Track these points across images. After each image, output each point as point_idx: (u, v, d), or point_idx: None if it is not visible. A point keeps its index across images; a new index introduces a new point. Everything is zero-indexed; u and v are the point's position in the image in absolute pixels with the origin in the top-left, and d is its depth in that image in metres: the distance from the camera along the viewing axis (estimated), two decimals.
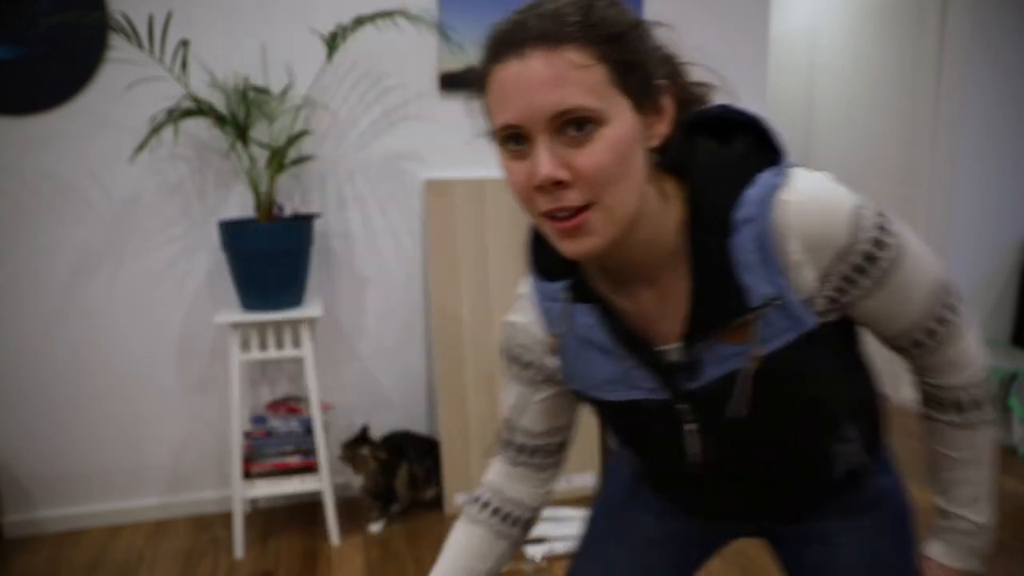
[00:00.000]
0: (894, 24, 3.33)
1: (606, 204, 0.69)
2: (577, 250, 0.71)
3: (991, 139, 3.09)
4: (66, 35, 2.12)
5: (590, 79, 0.66)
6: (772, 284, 0.73)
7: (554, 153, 0.67)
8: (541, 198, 0.69)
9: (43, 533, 2.36)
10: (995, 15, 2.99)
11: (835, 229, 0.72)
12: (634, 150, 0.70)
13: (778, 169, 0.73)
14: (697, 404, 0.82)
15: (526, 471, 0.97)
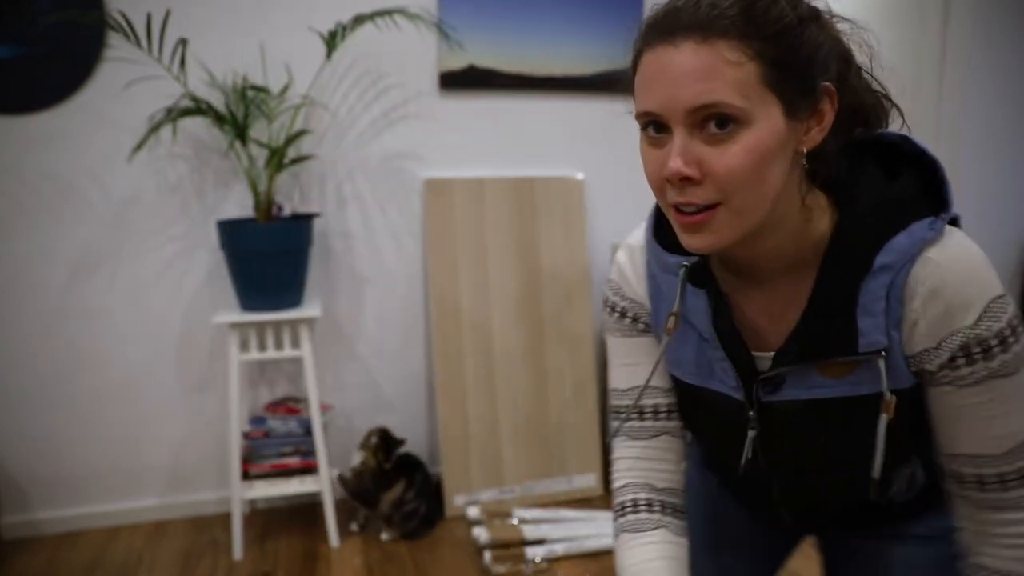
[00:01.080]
0: (895, 24, 3.32)
1: (734, 206, 0.67)
2: (697, 245, 0.70)
3: (992, 139, 3.09)
4: (65, 34, 2.11)
5: (740, 76, 0.63)
6: (885, 335, 0.71)
7: (688, 149, 0.65)
8: (670, 190, 0.68)
9: (41, 534, 2.35)
10: (996, 16, 2.98)
11: (967, 306, 0.68)
12: (776, 156, 0.67)
13: (935, 222, 0.70)
14: (766, 416, 0.80)
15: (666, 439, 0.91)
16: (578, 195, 2.57)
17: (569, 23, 2.47)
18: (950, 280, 0.68)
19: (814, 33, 0.67)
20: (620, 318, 0.90)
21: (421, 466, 2.37)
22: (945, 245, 0.69)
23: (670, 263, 0.80)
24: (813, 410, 0.77)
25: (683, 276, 0.79)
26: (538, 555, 2.13)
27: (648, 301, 0.87)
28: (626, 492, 0.92)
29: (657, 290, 0.85)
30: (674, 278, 0.80)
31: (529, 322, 2.51)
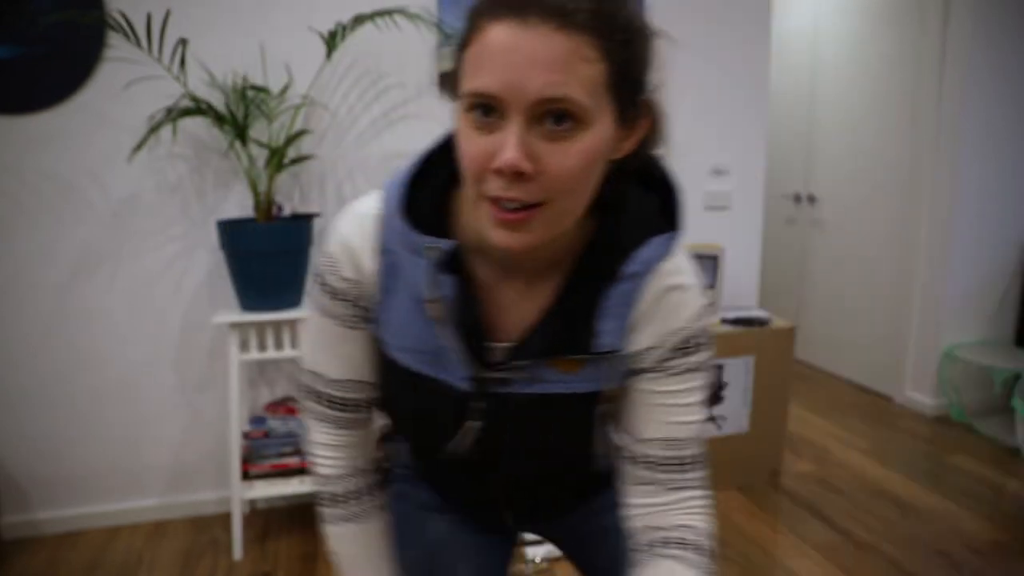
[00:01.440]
0: (896, 24, 3.32)
1: (557, 208, 0.65)
2: (511, 243, 0.66)
3: (992, 139, 3.08)
4: (65, 34, 2.11)
5: (591, 75, 0.61)
6: (619, 338, 0.76)
7: (525, 141, 0.61)
8: (495, 181, 0.63)
9: (41, 534, 2.35)
10: (996, 15, 2.98)
11: (684, 311, 0.77)
12: (601, 162, 0.66)
13: (669, 238, 0.76)
14: (492, 406, 0.81)
15: (368, 428, 0.93)
16: None
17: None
18: (673, 291, 0.76)
19: (648, 46, 0.68)
20: (336, 301, 0.81)
21: None
22: (673, 260, 0.77)
23: (418, 244, 0.73)
24: (540, 403, 0.80)
25: (435, 261, 0.73)
26: (538, 555, 2.13)
27: (377, 278, 0.79)
28: (338, 483, 0.91)
29: (391, 268, 0.78)
30: (420, 260, 0.74)
31: None
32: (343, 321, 0.82)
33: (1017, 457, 2.83)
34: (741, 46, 2.68)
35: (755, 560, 2.15)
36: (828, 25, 3.73)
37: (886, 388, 3.51)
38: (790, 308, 4.13)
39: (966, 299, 3.20)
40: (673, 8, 2.55)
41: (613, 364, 0.79)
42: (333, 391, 0.87)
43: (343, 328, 0.82)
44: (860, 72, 3.54)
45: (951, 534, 2.28)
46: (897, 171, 3.37)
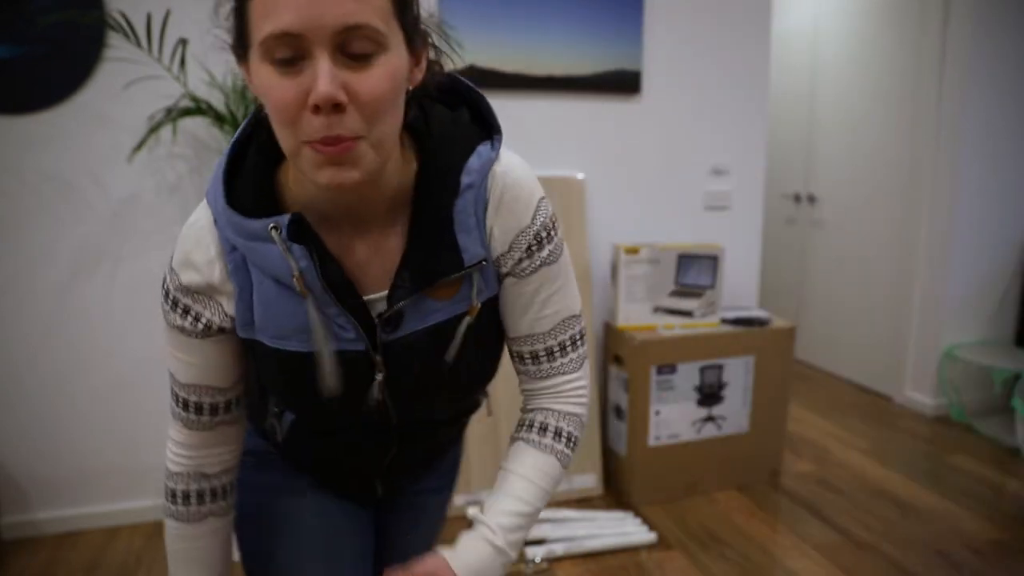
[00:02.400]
0: (896, 24, 3.32)
1: (375, 137, 0.67)
2: (338, 180, 0.66)
3: (992, 139, 3.09)
4: (64, 34, 2.11)
5: (380, 3, 0.65)
6: (482, 247, 0.79)
7: (337, 74, 0.63)
8: (314, 121, 0.64)
9: (41, 534, 2.35)
10: (996, 15, 2.98)
11: (526, 208, 0.81)
12: (403, 86, 0.70)
13: (493, 143, 0.80)
14: (392, 356, 0.82)
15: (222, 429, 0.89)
16: (578, 195, 2.56)
17: (569, 23, 2.47)
18: (513, 188, 0.80)
19: None
20: (182, 316, 0.81)
21: None
22: (502, 161, 0.80)
23: (257, 228, 0.73)
24: (432, 336, 0.82)
25: (276, 236, 0.72)
26: (538, 555, 2.13)
27: (228, 283, 0.79)
28: (177, 481, 0.90)
29: (240, 265, 0.78)
30: (267, 244, 0.73)
31: None
32: (190, 334, 0.81)
33: (1017, 457, 2.83)
34: (741, 46, 2.68)
35: (755, 560, 2.15)
36: (828, 25, 3.73)
37: (886, 388, 3.51)
38: (790, 308, 4.13)
39: (966, 299, 3.20)
40: (673, 8, 2.55)
41: (484, 276, 0.82)
42: (181, 393, 0.86)
43: (190, 339, 0.82)
44: (860, 72, 3.54)
45: (951, 534, 2.28)
46: (897, 171, 3.37)
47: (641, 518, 2.37)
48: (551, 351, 0.89)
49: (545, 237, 0.82)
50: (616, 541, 2.21)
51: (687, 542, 2.25)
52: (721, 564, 2.13)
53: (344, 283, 0.77)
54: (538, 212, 0.81)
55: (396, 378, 0.84)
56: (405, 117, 0.74)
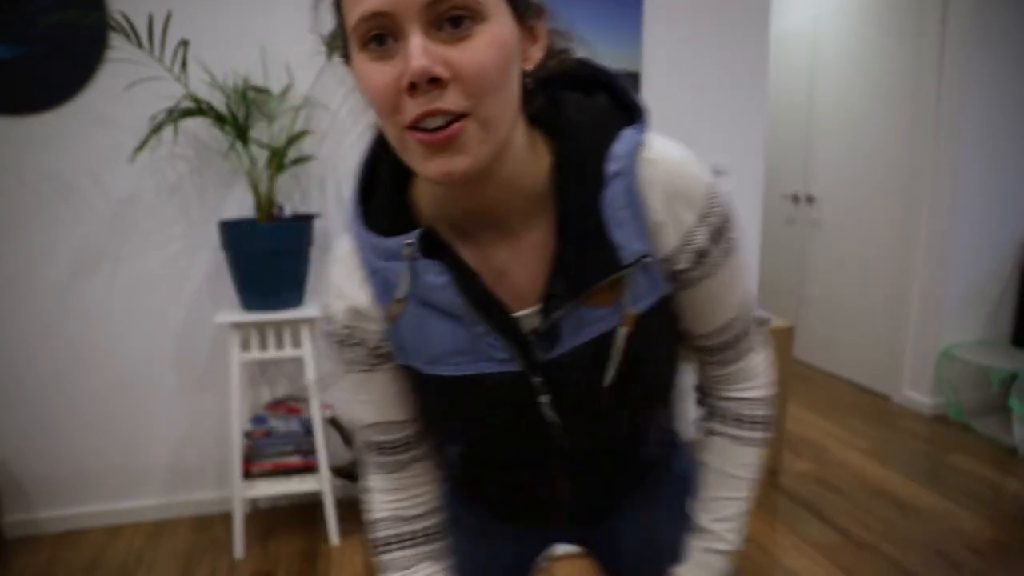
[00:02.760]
0: (895, 24, 3.33)
1: (483, 114, 0.60)
2: (447, 169, 0.61)
3: (991, 138, 3.09)
4: (66, 34, 2.12)
5: None
6: (642, 241, 0.69)
7: (429, 47, 0.58)
8: (411, 102, 0.59)
9: (42, 533, 2.35)
10: (995, 16, 2.98)
11: (696, 192, 0.71)
12: (514, 60, 0.63)
13: (639, 127, 0.71)
14: (553, 375, 0.74)
15: (416, 467, 0.86)
16: None
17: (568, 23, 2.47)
18: (674, 173, 0.70)
19: None
20: (346, 348, 0.78)
21: None
22: (655, 146, 0.71)
23: (393, 247, 0.70)
24: (595, 350, 0.73)
25: (412, 252, 0.69)
26: None
27: (377, 307, 0.75)
28: (382, 527, 0.88)
29: (384, 287, 0.73)
30: (403, 263, 0.70)
31: None
32: (360, 366, 0.79)
33: (1014, 456, 2.84)
34: (740, 46, 2.68)
35: (755, 559, 2.15)
36: (827, 25, 3.74)
37: (884, 388, 3.51)
38: (789, 308, 4.14)
39: (964, 299, 3.21)
40: (672, 8, 2.56)
41: (648, 275, 0.71)
42: (368, 436, 0.84)
43: (362, 373, 0.79)
44: (860, 72, 3.55)
45: (950, 534, 2.29)
46: (897, 171, 3.37)
47: None
48: (737, 336, 0.82)
49: (723, 226, 0.73)
50: None
51: None
52: None
53: (487, 297, 0.71)
54: (711, 200, 0.72)
55: (560, 400, 0.76)
56: (532, 106, 0.68)
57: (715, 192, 0.72)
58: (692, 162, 0.72)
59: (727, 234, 0.74)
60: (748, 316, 0.82)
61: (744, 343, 0.83)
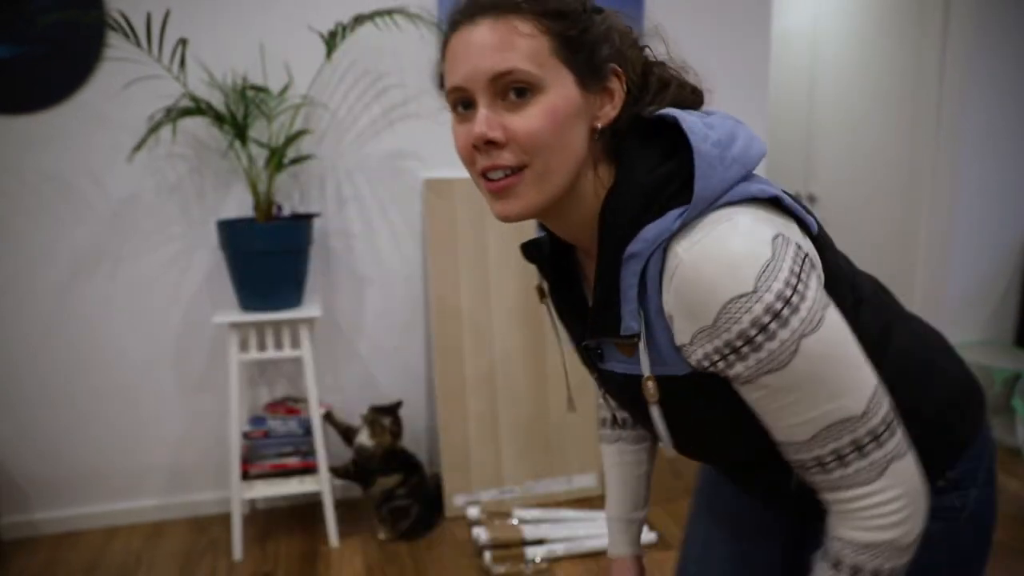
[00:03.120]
0: (896, 24, 3.32)
1: (537, 169, 0.72)
2: (505, 211, 0.74)
3: (992, 139, 3.08)
4: (64, 33, 2.11)
5: (533, 47, 0.70)
6: (637, 321, 0.72)
7: (492, 116, 0.71)
8: (479, 157, 0.73)
9: (40, 534, 2.34)
10: (997, 16, 2.98)
11: (704, 308, 0.66)
12: (573, 123, 0.72)
13: (683, 213, 0.68)
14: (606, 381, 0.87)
15: None
16: None
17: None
18: (689, 280, 0.67)
19: (598, 21, 0.75)
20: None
21: (419, 469, 2.36)
22: (694, 238, 0.67)
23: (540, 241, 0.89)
24: (625, 384, 0.82)
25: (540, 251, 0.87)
26: (538, 555, 2.12)
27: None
28: (600, 411, 1.12)
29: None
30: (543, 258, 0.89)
31: (529, 322, 2.50)
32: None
33: (1017, 457, 2.83)
34: (741, 45, 2.68)
35: None
36: (828, 25, 3.73)
37: None
38: None
39: (966, 299, 3.20)
40: (672, 7, 2.55)
41: (655, 352, 0.74)
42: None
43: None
44: (860, 72, 3.54)
45: None
46: (897, 171, 3.37)
47: None
48: (821, 461, 0.72)
49: (743, 345, 0.66)
50: None
51: None
52: None
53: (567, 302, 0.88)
54: (722, 316, 0.66)
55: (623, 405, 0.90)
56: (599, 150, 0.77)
57: (735, 311, 0.65)
58: (720, 273, 0.65)
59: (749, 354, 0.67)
60: (835, 443, 0.70)
61: (835, 473, 0.71)
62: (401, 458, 2.32)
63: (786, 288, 0.65)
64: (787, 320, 0.65)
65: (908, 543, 0.72)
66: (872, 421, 0.70)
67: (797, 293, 0.66)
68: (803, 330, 0.66)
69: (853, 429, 0.69)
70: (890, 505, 0.71)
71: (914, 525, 0.72)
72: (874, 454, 0.70)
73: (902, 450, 0.72)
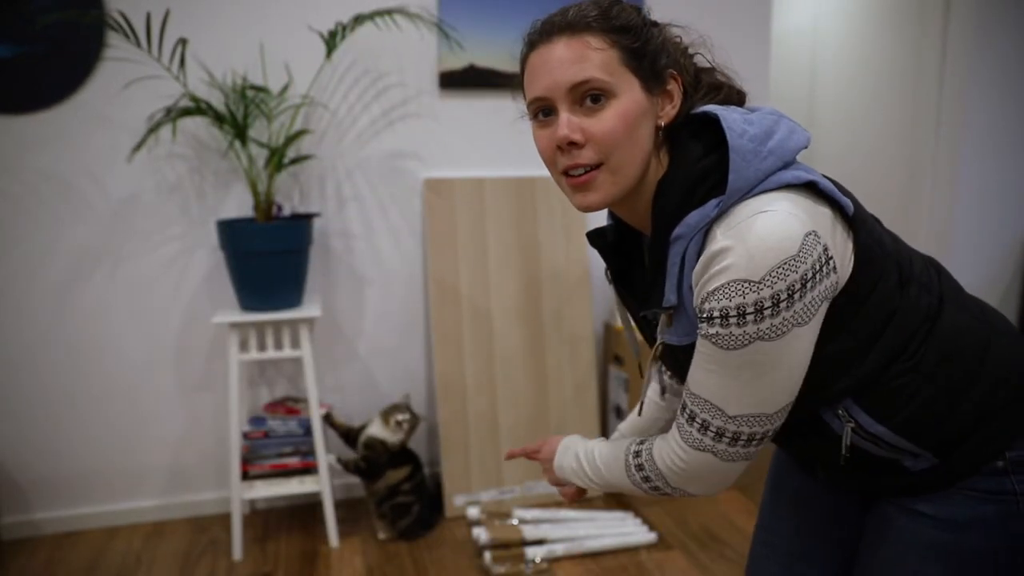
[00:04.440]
0: (896, 24, 3.32)
1: (612, 165, 0.83)
2: (586, 203, 0.86)
3: (993, 137, 3.08)
4: (64, 33, 2.11)
5: (604, 58, 0.82)
6: (676, 295, 0.83)
7: (572, 120, 0.83)
8: (561, 157, 0.85)
9: (41, 534, 2.34)
10: (997, 15, 2.98)
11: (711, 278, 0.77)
12: (642, 123, 0.84)
13: (720, 201, 0.78)
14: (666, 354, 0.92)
15: None
16: None
17: None
18: (712, 254, 0.77)
19: (656, 33, 0.87)
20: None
21: (421, 467, 2.36)
22: (730, 224, 0.77)
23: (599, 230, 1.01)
24: (673, 352, 0.90)
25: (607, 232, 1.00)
26: (538, 555, 2.12)
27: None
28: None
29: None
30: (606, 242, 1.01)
31: (529, 322, 2.50)
32: None
33: None
34: (741, 46, 2.68)
35: None
36: (828, 25, 3.73)
37: None
38: None
39: None
40: (673, 7, 2.55)
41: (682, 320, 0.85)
42: None
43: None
44: (860, 72, 3.54)
45: None
46: (897, 171, 3.36)
47: (641, 518, 2.37)
48: (684, 406, 0.86)
49: (717, 317, 0.76)
50: (616, 541, 2.20)
51: (687, 542, 2.25)
52: (721, 564, 2.12)
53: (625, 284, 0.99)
54: (722, 291, 0.75)
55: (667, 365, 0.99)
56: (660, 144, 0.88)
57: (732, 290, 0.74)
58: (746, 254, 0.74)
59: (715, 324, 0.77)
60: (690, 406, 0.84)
61: (681, 416, 0.87)
62: (408, 452, 2.33)
63: (784, 291, 0.74)
64: (761, 318, 0.75)
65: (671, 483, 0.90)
66: (731, 426, 0.82)
67: (790, 300, 0.74)
68: (767, 334, 0.75)
69: (714, 416, 0.82)
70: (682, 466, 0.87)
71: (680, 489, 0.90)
72: (705, 439, 0.84)
73: (727, 455, 0.84)
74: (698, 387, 0.83)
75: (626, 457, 0.95)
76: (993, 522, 0.85)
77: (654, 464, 0.91)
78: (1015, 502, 0.85)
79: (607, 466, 0.99)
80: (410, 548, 2.25)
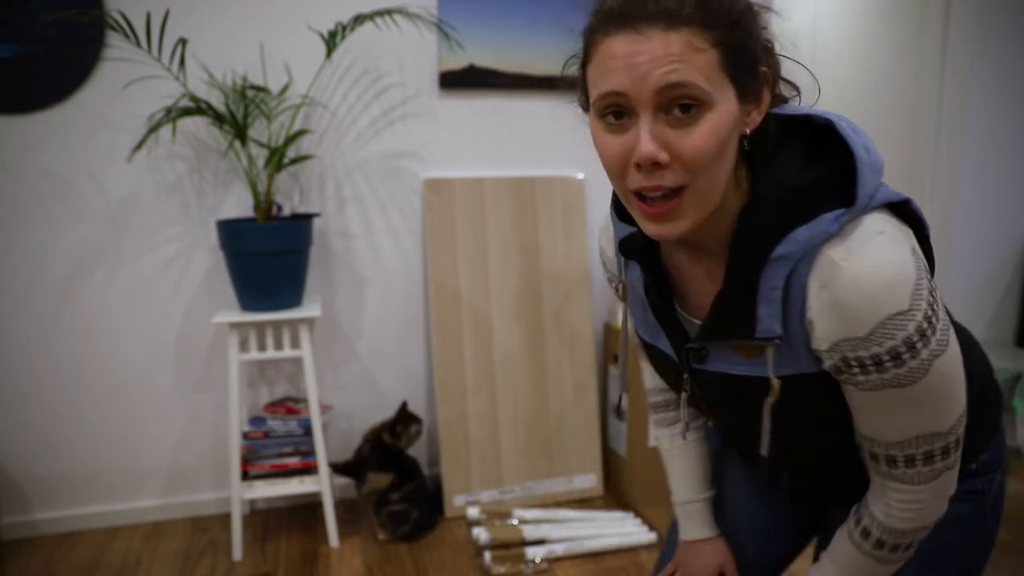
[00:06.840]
0: (896, 24, 3.32)
1: (698, 188, 0.68)
2: (664, 233, 0.71)
3: (994, 139, 3.08)
4: (63, 33, 2.11)
5: (705, 62, 0.65)
6: (780, 324, 0.72)
7: (656, 133, 0.66)
8: (636, 175, 0.69)
9: (40, 535, 2.34)
10: (997, 16, 2.98)
11: (860, 321, 0.68)
12: (731, 137, 0.69)
13: (842, 215, 0.69)
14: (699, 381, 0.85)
15: None
16: (578, 195, 2.56)
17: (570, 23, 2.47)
18: (847, 289, 0.67)
19: (756, 23, 0.70)
20: (610, 282, 1.00)
21: (418, 476, 2.33)
22: (851, 246, 0.68)
23: (620, 231, 0.86)
24: (730, 385, 0.81)
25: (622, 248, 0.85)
26: (538, 555, 2.12)
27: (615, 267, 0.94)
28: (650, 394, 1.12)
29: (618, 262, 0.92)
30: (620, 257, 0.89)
31: (529, 322, 2.50)
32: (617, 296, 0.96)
33: (1017, 457, 2.82)
34: None
35: None
36: (828, 25, 3.73)
37: None
38: None
39: (966, 299, 3.20)
40: None
41: (787, 353, 0.74)
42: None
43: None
44: (860, 72, 3.54)
45: None
46: (897, 171, 3.36)
47: (641, 518, 2.37)
48: (892, 459, 0.78)
49: (889, 360, 0.69)
50: (616, 541, 2.20)
51: None
52: None
53: (665, 301, 0.84)
54: (879, 330, 0.67)
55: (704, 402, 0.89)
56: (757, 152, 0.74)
57: (892, 327, 0.67)
58: (880, 287, 0.67)
59: (890, 368, 0.70)
60: (916, 449, 0.76)
61: (899, 469, 0.78)
62: (395, 460, 2.31)
63: (928, 308, 0.68)
64: (928, 340, 0.69)
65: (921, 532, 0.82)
66: (950, 438, 0.76)
67: (934, 313, 0.69)
68: (938, 351, 0.69)
69: (933, 442, 0.75)
70: (917, 505, 0.79)
71: (931, 523, 0.81)
72: (937, 464, 0.77)
73: (956, 462, 0.78)
74: (899, 433, 0.75)
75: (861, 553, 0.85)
76: (965, 519, 0.90)
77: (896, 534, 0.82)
78: (983, 501, 0.90)
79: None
80: (410, 548, 2.25)
